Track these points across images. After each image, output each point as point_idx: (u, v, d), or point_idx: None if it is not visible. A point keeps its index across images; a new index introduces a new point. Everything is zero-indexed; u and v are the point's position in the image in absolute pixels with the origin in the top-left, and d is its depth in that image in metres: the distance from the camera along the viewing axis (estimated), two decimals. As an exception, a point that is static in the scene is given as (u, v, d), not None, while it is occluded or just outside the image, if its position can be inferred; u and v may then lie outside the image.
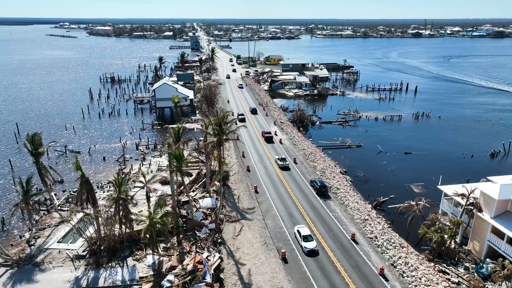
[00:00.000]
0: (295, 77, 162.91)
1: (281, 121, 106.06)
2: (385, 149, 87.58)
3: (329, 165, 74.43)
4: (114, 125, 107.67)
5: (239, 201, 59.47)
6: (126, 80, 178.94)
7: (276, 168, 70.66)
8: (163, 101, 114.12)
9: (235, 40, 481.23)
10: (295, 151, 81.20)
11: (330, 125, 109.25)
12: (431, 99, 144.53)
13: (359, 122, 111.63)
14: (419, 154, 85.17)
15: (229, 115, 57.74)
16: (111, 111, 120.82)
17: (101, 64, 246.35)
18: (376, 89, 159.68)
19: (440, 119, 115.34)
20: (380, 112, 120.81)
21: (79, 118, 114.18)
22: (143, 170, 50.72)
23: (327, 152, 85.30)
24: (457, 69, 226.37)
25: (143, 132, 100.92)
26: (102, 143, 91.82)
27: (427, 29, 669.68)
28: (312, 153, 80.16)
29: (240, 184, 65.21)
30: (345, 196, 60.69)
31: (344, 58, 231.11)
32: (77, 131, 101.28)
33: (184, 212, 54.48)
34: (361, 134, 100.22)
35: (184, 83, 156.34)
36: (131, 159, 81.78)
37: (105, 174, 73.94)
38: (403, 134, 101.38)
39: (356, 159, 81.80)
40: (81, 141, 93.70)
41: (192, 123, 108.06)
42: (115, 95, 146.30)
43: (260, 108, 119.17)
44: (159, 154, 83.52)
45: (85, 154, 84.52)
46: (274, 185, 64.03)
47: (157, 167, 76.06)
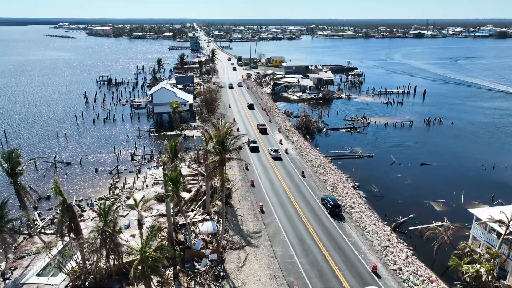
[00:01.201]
0: (298, 80, 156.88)
1: (286, 128, 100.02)
2: (398, 160, 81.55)
3: (340, 179, 68.42)
4: (109, 132, 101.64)
5: (243, 222, 53.44)
6: (124, 83, 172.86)
7: (283, 183, 64.63)
8: (160, 106, 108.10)
9: (235, 41, 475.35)
10: (303, 162, 75.11)
11: (337, 132, 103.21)
12: (441, 103, 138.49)
13: (368, 128, 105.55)
14: (435, 165, 79.09)
15: (233, 128, 51.39)
16: (106, 116, 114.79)
17: (98, 65, 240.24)
18: (382, 92, 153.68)
19: (453, 125, 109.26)
20: (390, 118, 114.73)
21: (72, 124, 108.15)
22: (134, 196, 44.22)
23: (336, 163, 79.34)
24: (464, 71, 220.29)
25: (139, 140, 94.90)
26: (95, 152, 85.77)
27: (429, 30, 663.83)
28: (321, 165, 74.11)
29: (244, 202, 59.17)
30: (360, 217, 54.67)
31: (348, 60, 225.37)
32: (70, 139, 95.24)
33: (182, 237, 48.47)
34: (371, 142, 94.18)
35: (184, 86, 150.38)
36: (125, 171, 75.76)
37: (97, 189, 67.91)
38: (415, 142, 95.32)
39: (368, 171, 75.81)
40: (73, 150, 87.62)
41: (191, 129, 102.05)
42: (112, 98, 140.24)
43: (263, 113, 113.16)
44: (156, 166, 77.47)
45: (76, 166, 78.47)
46: (282, 203, 57.99)
47: (153, 180, 70.04)
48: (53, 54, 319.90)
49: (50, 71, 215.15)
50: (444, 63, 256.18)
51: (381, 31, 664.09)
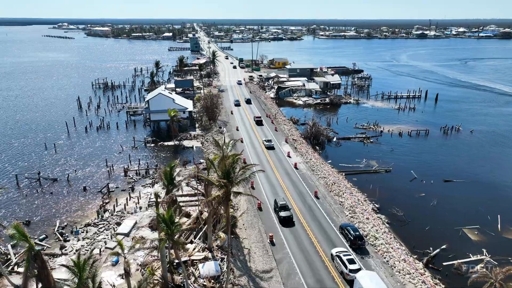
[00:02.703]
0: (304, 84, 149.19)
1: (293, 137, 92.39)
2: (419, 175, 73.87)
3: (358, 200, 60.74)
4: (102, 142, 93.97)
5: (250, 258, 45.78)
6: (120, 86, 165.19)
7: (294, 206, 56.90)
8: (158, 113, 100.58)
9: (236, 41, 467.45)
10: (315, 179, 67.40)
11: (348, 141, 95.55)
12: (455, 108, 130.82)
13: (381, 138, 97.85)
14: (461, 182, 71.38)
15: (240, 157, 43.19)
16: (100, 124, 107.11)
17: (95, 67, 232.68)
18: (392, 97, 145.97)
19: (472, 134, 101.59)
20: (404, 126, 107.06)
21: (63, 133, 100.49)
22: (120, 240, 36.28)
23: (351, 179, 71.72)
24: (474, 73, 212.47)
25: (134, 151, 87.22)
26: (85, 167, 78.06)
27: (432, 30, 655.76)
28: (336, 182, 66.42)
29: (251, 230, 51.53)
30: (387, 250, 46.99)
31: (354, 62, 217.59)
32: (59, 150, 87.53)
33: (179, 279, 40.79)
34: (386, 153, 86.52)
35: (183, 90, 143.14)
36: (117, 189, 68.07)
37: (84, 212, 60.22)
38: (435, 154, 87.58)
39: (387, 189, 68.12)
40: (62, 163, 79.90)
41: (191, 139, 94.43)
42: (107, 104, 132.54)
43: (268, 121, 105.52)
44: (151, 183, 69.79)
45: (63, 182, 70.76)
46: (295, 233, 50.29)
47: (147, 201, 62.44)
48: (50, 55, 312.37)
49: (46, 74, 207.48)
50: (452, 64, 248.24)
51: (383, 31, 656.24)
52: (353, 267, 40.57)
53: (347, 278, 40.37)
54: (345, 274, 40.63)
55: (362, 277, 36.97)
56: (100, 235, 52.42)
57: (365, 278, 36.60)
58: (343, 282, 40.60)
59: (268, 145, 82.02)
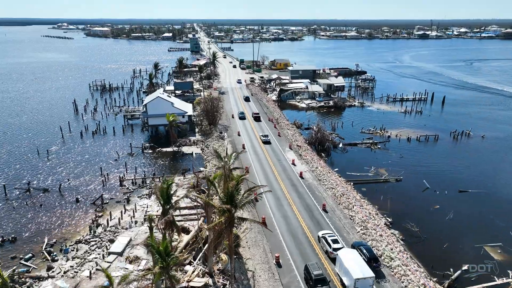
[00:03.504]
0: (306, 86, 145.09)
1: (298, 143, 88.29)
2: (431, 184, 69.76)
3: (369, 214, 56.66)
4: (97, 148, 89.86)
5: (255, 283, 41.64)
6: (118, 88, 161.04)
7: (301, 221, 52.83)
8: (156, 118, 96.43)
9: (236, 42, 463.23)
10: (322, 190, 63.30)
11: (355, 147, 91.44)
12: (463, 112, 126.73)
13: (389, 143, 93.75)
14: (477, 192, 67.25)
15: (246, 176, 38.85)
16: (96, 128, 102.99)
17: (93, 68, 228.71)
18: (398, 99, 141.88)
19: (484, 139, 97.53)
20: (412, 131, 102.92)
21: (57, 139, 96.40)
22: (108, 273, 31.80)
23: (359, 189, 67.75)
24: (480, 74, 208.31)
25: (130, 158, 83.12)
26: (79, 175, 73.93)
27: (433, 30, 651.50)
28: (344, 193, 62.34)
29: (255, 249, 47.41)
30: (404, 273, 42.93)
31: (357, 63, 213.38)
32: (52, 157, 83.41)
33: (176, 309, 36.70)
34: (395, 161, 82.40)
35: (182, 92, 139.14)
36: (112, 201, 63.94)
37: (75, 227, 56.12)
38: (446, 161, 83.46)
39: (399, 201, 64.06)
40: (54, 171, 75.78)
41: (190, 145, 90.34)
42: (104, 107, 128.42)
43: (270, 125, 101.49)
44: (148, 194, 65.68)
45: (54, 193, 66.63)
46: (303, 252, 46.19)
47: (143, 214, 58.32)
48: (48, 56, 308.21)
49: (43, 75, 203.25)
50: (457, 66, 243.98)
51: (384, 31, 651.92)
52: (337, 246, 44.22)
53: (331, 256, 44.19)
54: (329, 253, 44.60)
55: (343, 254, 40.69)
56: (91, 254, 48.31)
57: (346, 254, 40.47)
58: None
59: (265, 140, 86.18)
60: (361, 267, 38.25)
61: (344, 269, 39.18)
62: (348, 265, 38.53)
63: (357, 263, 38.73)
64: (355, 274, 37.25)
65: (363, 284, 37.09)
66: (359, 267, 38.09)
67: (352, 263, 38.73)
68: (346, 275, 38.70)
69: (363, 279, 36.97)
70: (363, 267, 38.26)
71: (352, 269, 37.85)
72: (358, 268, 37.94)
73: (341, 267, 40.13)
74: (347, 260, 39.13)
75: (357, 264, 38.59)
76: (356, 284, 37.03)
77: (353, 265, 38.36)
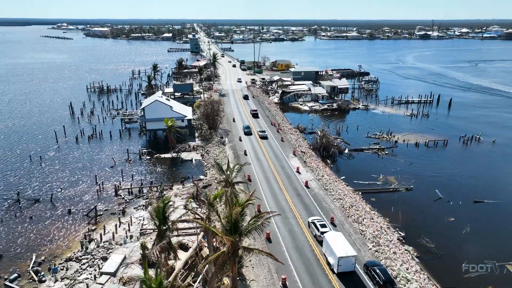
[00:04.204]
0: (309, 88, 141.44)
1: (302, 149, 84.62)
2: (444, 194, 66.09)
3: (380, 228, 53.03)
4: (93, 154, 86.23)
5: (260, 309, 38.04)
6: (116, 90, 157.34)
7: (308, 236, 49.13)
8: (154, 122, 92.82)
9: (236, 42, 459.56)
10: (329, 201, 59.63)
11: (361, 153, 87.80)
12: (471, 115, 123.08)
13: (397, 149, 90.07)
14: (494, 203, 63.57)
15: (252, 201, 34.55)
16: (92, 132, 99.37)
17: (92, 69, 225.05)
18: (403, 102, 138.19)
19: (495, 144, 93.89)
20: (420, 135, 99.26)
21: (51, 144, 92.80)
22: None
23: (368, 199, 64.19)
24: (485, 76, 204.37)
25: (127, 165, 79.49)
26: (72, 184, 70.30)
27: (435, 31, 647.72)
28: (353, 205, 58.70)
29: (259, 269, 43.72)
30: (423, 297, 39.33)
31: (359, 64, 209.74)
32: (45, 164, 79.78)
33: None
34: (404, 168, 78.75)
35: (182, 94, 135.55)
36: (106, 212, 60.34)
37: (66, 242, 52.48)
38: (457, 168, 79.75)
39: (410, 212, 60.43)
40: (46, 180, 72.17)
41: (190, 151, 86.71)
42: (101, 110, 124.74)
43: (273, 129, 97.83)
44: (144, 205, 62.04)
45: (45, 204, 63.02)
46: (311, 272, 42.53)
47: (139, 228, 54.69)
48: (47, 56, 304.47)
49: (41, 76, 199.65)
50: (461, 67, 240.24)
51: (385, 32, 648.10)
52: (324, 230, 46.88)
53: (319, 240, 46.59)
54: (317, 236, 47.22)
55: (328, 236, 43.75)
56: (82, 274, 44.70)
57: (331, 236, 43.47)
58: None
59: (262, 135, 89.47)
60: (345, 247, 41.38)
61: (329, 249, 42.23)
62: (333, 245, 41.54)
63: (341, 243, 41.80)
64: (338, 253, 40.40)
65: (346, 262, 40.35)
66: (342, 247, 41.24)
67: (336, 244, 41.76)
68: (331, 254, 41.72)
69: (346, 257, 40.17)
70: (346, 247, 41.40)
71: (336, 249, 40.96)
72: (342, 248, 41.08)
73: (327, 248, 43.18)
74: (332, 241, 42.14)
75: (341, 244, 41.67)
76: (340, 262, 40.26)
77: (337, 245, 41.44)
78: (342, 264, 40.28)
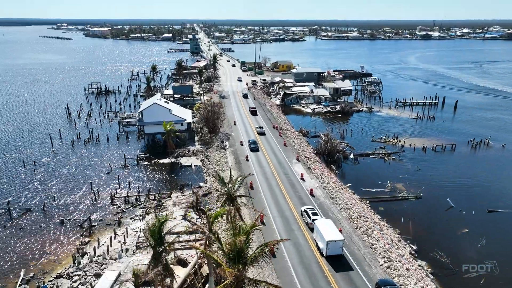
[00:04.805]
0: (312, 90, 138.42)
1: (305, 154, 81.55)
2: (456, 203, 63.08)
3: (391, 241, 49.99)
4: (89, 159, 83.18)
5: (265, 334, 34.91)
6: (115, 92, 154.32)
7: (315, 252, 46.03)
8: (152, 126, 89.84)
9: (237, 42, 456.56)
10: (336, 211, 56.55)
11: (367, 158, 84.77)
12: (477, 118, 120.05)
13: (404, 153, 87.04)
14: (509, 212, 60.55)
15: (257, 225, 31.38)
16: (88, 136, 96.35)
17: (90, 70, 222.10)
18: (407, 104, 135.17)
19: (505, 148, 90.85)
20: (426, 139, 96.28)
21: (46, 148, 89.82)
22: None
23: (376, 208, 61.22)
24: (490, 77, 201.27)
25: (124, 171, 76.48)
26: (66, 192, 67.26)
27: (436, 31, 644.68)
28: (361, 215, 55.67)
29: None
30: (441, 321, 36.26)
31: (362, 65, 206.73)
32: (39, 170, 76.65)
33: None
34: (412, 174, 75.75)
35: (182, 96, 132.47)
36: (101, 223, 57.30)
37: (57, 256, 49.44)
38: (467, 174, 76.77)
39: (421, 223, 57.49)
40: (39, 187, 69.15)
41: (189, 156, 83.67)
42: (98, 112, 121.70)
43: (275, 132, 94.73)
44: (141, 215, 58.97)
45: (37, 213, 59.98)
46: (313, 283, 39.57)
47: (136, 240, 51.65)
48: (45, 57, 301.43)
49: (39, 77, 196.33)
50: (465, 68, 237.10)
51: (386, 32, 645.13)
52: (315, 218, 49.67)
53: (310, 227, 49.41)
54: (309, 224, 50.15)
55: (318, 222, 46.76)
56: (73, 293, 41.67)
57: (321, 223, 46.61)
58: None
59: (260, 131, 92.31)
60: (333, 232, 44.40)
61: (319, 234, 45.00)
62: (323, 231, 44.40)
63: (330, 229, 44.88)
64: (327, 237, 43.29)
65: (334, 246, 43.16)
66: (331, 232, 44.26)
67: (325, 229, 44.73)
68: (321, 239, 44.55)
69: (334, 241, 43.01)
70: (335, 232, 44.41)
71: (325, 234, 43.83)
72: (331, 232, 44.14)
73: (317, 233, 46.06)
74: (322, 227, 45.15)
75: (330, 230, 44.73)
76: (328, 245, 43.10)
77: (326, 231, 44.43)
78: (330, 247, 43.09)
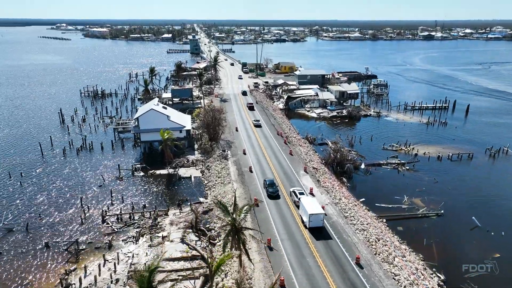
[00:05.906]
0: (316, 93, 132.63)
1: (313, 164, 75.74)
2: (481, 221, 57.31)
3: (416, 270, 44.21)
4: (81, 170, 77.44)
5: None
6: (112, 95, 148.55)
7: (331, 284, 40.35)
8: (149, 133, 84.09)
9: (237, 43, 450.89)
10: (351, 233, 50.71)
11: (379, 168, 78.96)
12: (491, 123, 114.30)
13: (418, 163, 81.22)
14: (541, 234, 54.79)
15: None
16: (81, 144, 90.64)
17: (88, 71, 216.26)
18: (416, 108, 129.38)
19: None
20: (441, 147, 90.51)
21: (36, 157, 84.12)
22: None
23: (394, 227, 55.53)
24: (500, 79, 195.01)
25: (118, 183, 70.72)
26: (53, 208, 61.45)
27: (438, 31, 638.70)
28: (380, 237, 49.89)
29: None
30: None
31: (366, 66, 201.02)
32: (25, 183, 70.84)
33: None
34: (430, 187, 69.95)
35: (181, 100, 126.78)
36: (90, 245, 51.51)
37: (40, 286, 43.65)
38: (489, 187, 70.96)
39: (446, 246, 51.72)
40: (24, 203, 63.39)
41: (188, 166, 77.92)
42: (94, 117, 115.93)
43: (280, 140, 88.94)
44: (135, 237, 53.18)
45: (20, 234, 54.23)
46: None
47: (127, 268, 45.86)
48: (43, 58, 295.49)
49: (36, 79, 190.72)
50: (472, 69, 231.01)
51: (388, 32, 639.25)
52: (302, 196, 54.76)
53: (297, 205, 54.64)
54: (296, 202, 55.69)
55: (303, 199, 52.91)
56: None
57: (305, 199, 52.68)
58: None
59: (256, 124, 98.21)
60: (315, 206, 50.54)
61: (303, 209, 50.88)
62: (306, 206, 50.26)
63: (313, 204, 50.95)
64: (309, 210, 49.25)
65: (316, 218, 49.27)
66: (314, 206, 50.39)
67: (309, 204, 50.71)
68: (305, 213, 50.35)
69: (316, 214, 49.13)
70: (317, 206, 50.66)
71: (308, 208, 49.79)
72: (313, 207, 50.26)
73: (302, 209, 51.89)
74: (306, 203, 51.10)
75: (312, 205, 50.84)
76: (310, 218, 49.08)
77: (309, 205, 50.39)
78: (312, 220, 49.12)
